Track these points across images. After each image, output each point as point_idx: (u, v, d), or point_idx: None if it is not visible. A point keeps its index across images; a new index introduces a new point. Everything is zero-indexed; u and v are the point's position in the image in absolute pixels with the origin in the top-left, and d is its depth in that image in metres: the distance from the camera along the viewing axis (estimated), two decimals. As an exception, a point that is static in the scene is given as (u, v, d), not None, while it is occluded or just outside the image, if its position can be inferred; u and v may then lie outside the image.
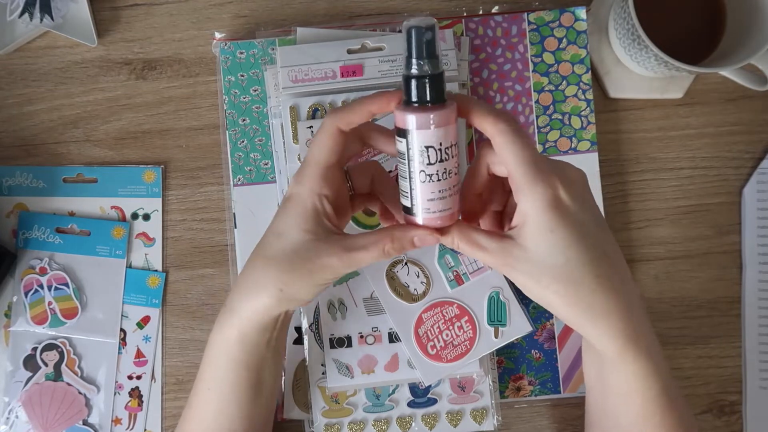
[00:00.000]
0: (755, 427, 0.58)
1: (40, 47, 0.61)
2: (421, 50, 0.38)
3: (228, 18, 0.61)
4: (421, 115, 0.39)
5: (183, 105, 0.61)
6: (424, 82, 0.39)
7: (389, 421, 0.56)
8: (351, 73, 0.56)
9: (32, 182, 0.60)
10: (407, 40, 0.39)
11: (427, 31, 0.38)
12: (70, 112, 0.61)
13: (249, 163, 0.59)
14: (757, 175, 0.60)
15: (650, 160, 0.60)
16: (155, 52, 0.61)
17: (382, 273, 0.55)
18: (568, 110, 0.59)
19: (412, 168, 0.40)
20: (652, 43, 0.52)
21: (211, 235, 0.60)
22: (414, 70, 0.39)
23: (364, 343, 0.55)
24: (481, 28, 0.59)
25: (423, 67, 0.39)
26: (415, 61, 0.39)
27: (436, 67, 0.39)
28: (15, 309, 0.59)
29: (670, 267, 0.60)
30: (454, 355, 0.54)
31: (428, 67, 0.39)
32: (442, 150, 0.39)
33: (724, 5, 0.57)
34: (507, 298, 0.55)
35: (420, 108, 0.39)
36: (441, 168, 0.40)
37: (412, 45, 0.38)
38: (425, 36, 0.38)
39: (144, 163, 0.60)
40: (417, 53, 0.39)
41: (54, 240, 0.59)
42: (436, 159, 0.39)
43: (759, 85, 0.55)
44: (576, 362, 0.58)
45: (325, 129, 0.42)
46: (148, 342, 0.59)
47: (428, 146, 0.39)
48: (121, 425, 0.58)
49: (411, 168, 0.40)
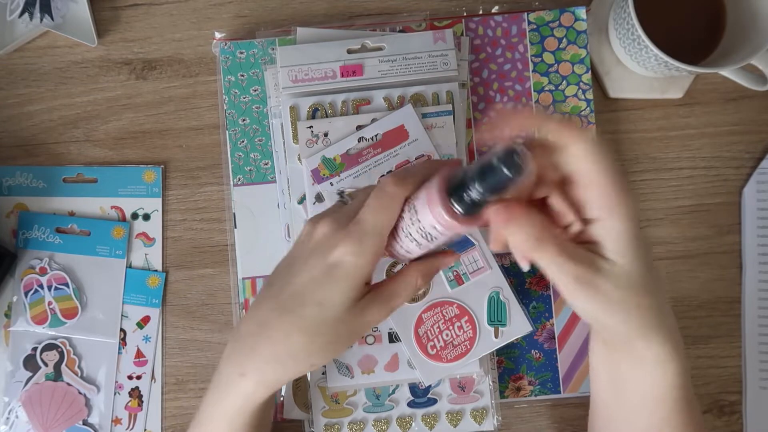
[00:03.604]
0: (755, 427, 0.58)
1: (40, 47, 0.61)
2: (499, 188, 0.35)
3: (228, 18, 0.61)
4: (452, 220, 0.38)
5: (183, 105, 0.61)
6: (478, 205, 0.37)
7: (389, 421, 0.56)
8: (351, 73, 0.56)
9: (32, 182, 0.60)
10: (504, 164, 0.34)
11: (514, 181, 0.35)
12: (70, 112, 0.61)
13: (249, 163, 0.59)
14: (757, 175, 0.60)
15: (650, 160, 0.60)
16: (155, 52, 0.61)
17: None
18: (568, 110, 0.59)
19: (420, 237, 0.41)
20: (652, 43, 0.52)
21: (211, 235, 0.60)
22: (478, 195, 0.36)
23: (364, 343, 0.55)
24: (481, 28, 0.59)
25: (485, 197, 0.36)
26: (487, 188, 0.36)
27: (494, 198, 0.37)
28: (15, 309, 0.59)
29: (670, 267, 0.60)
30: (454, 355, 0.54)
31: (488, 199, 0.36)
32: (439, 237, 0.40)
33: (724, 5, 0.57)
34: (507, 298, 0.55)
35: (453, 214, 0.38)
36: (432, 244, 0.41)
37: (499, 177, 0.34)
38: (511, 182, 0.35)
39: (144, 163, 0.60)
40: (494, 187, 0.35)
41: (54, 240, 0.59)
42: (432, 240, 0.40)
43: (759, 85, 0.55)
44: (576, 362, 0.58)
45: (394, 198, 0.40)
46: (148, 342, 0.59)
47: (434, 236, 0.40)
48: (121, 425, 0.58)
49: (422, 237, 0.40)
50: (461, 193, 0.37)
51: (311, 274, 0.41)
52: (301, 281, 0.41)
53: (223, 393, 0.45)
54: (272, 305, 0.42)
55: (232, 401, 0.44)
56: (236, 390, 0.44)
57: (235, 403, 0.44)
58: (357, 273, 0.40)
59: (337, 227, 0.41)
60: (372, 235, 0.40)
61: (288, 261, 0.44)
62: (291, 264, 0.43)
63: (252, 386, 0.44)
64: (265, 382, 0.43)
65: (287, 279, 0.42)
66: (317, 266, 0.41)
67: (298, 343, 0.41)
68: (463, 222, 0.38)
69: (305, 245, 0.43)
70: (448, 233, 0.39)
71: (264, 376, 0.43)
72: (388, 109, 0.57)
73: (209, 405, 0.46)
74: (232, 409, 0.45)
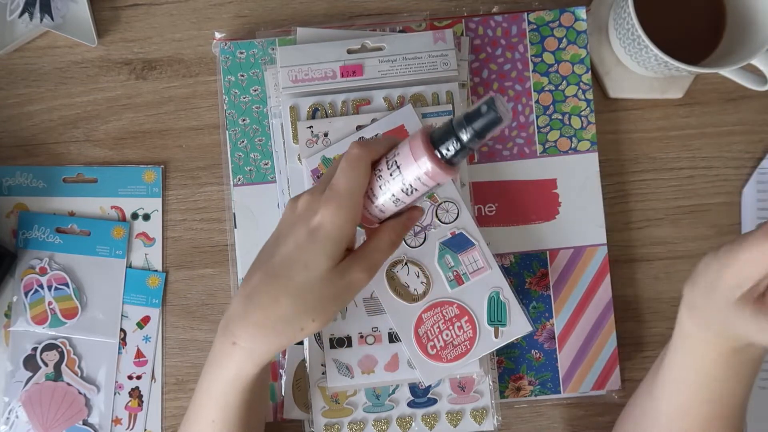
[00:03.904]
0: (755, 427, 0.58)
1: (40, 47, 0.61)
2: (484, 131, 0.39)
3: (228, 18, 0.61)
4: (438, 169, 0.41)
5: (183, 105, 0.61)
6: (464, 150, 0.40)
7: (389, 421, 0.56)
8: (351, 73, 0.56)
9: (32, 182, 0.60)
10: (484, 110, 0.39)
11: (499, 125, 0.39)
12: (70, 112, 0.61)
13: (249, 163, 0.59)
14: (757, 175, 0.60)
15: (650, 160, 0.60)
16: (155, 52, 0.61)
17: (382, 273, 0.55)
18: (568, 110, 0.59)
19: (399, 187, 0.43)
20: (652, 43, 0.52)
21: (211, 235, 0.60)
22: (465, 135, 0.39)
23: (364, 343, 0.55)
24: (481, 28, 0.59)
25: (472, 140, 0.39)
26: (471, 131, 0.39)
27: (476, 145, 0.40)
28: (15, 309, 0.59)
29: (670, 267, 0.60)
30: (454, 355, 0.54)
31: (473, 142, 0.40)
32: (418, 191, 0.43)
33: (724, 5, 0.57)
34: (507, 298, 0.55)
35: (438, 161, 0.41)
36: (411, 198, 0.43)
37: (480, 118, 0.39)
38: (496, 125, 0.39)
39: (144, 163, 0.60)
40: (482, 130, 0.39)
41: (54, 240, 0.59)
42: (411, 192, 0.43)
43: (759, 85, 0.55)
44: (576, 362, 0.58)
45: (360, 159, 0.42)
46: (148, 342, 0.59)
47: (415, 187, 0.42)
48: (121, 425, 0.58)
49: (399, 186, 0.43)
50: (445, 141, 0.40)
51: (296, 241, 0.43)
52: (287, 249, 0.43)
53: (216, 365, 0.46)
54: (261, 274, 0.44)
55: (225, 374, 0.45)
56: (229, 360, 0.45)
57: (228, 375, 0.45)
58: (338, 233, 0.42)
59: (317, 196, 0.43)
60: (347, 195, 0.42)
61: (275, 235, 0.46)
62: (277, 236, 0.45)
63: (244, 355, 0.44)
64: (257, 350, 0.44)
65: (274, 250, 0.44)
66: (301, 233, 0.43)
67: (286, 306, 0.43)
68: (446, 169, 0.40)
69: (289, 219, 0.45)
70: (431, 183, 0.41)
71: (255, 343, 0.44)
72: (388, 109, 0.57)
73: (204, 380, 0.47)
74: (226, 381, 0.46)
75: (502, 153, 0.59)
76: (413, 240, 0.55)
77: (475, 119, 0.39)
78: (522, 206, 0.58)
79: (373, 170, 0.43)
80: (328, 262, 0.42)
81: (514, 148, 0.59)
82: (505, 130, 0.59)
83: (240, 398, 0.46)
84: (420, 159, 0.41)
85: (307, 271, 0.42)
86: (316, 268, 0.42)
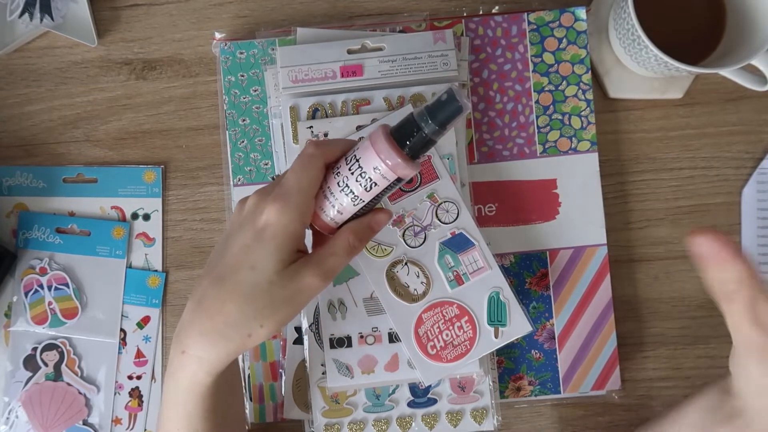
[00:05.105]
0: (755, 427, 0.58)
1: (40, 47, 0.61)
2: (446, 121, 0.40)
3: (228, 18, 0.61)
4: (400, 160, 0.41)
5: (183, 105, 0.61)
6: (425, 142, 0.41)
7: (389, 421, 0.56)
8: (351, 73, 0.56)
9: (32, 182, 0.60)
10: (445, 99, 0.39)
11: (460, 114, 0.40)
12: (70, 112, 0.61)
13: (249, 163, 0.59)
14: (757, 175, 0.60)
15: (650, 160, 0.60)
16: (155, 52, 0.61)
17: (382, 273, 0.55)
18: (568, 110, 0.59)
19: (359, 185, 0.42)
20: (652, 43, 0.52)
21: (211, 235, 0.60)
22: (427, 127, 0.40)
23: (364, 343, 0.55)
24: (481, 29, 0.59)
25: (434, 131, 0.40)
26: (434, 121, 0.40)
27: (438, 136, 0.41)
28: (15, 309, 0.59)
29: (670, 267, 0.60)
30: (454, 355, 0.54)
31: (435, 133, 0.40)
32: (378, 185, 0.42)
33: (724, 5, 0.57)
34: (507, 298, 0.55)
35: (400, 152, 0.41)
36: (371, 196, 0.43)
37: (443, 109, 0.39)
38: (457, 114, 0.39)
39: (144, 163, 0.60)
40: (444, 120, 0.40)
41: (54, 240, 0.59)
42: (371, 188, 0.42)
43: (759, 85, 0.55)
44: (576, 362, 0.58)
45: (313, 157, 0.42)
46: (148, 342, 0.59)
47: (375, 181, 0.42)
48: (121, 425, 0.58)
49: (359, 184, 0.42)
50: (406, 133, 0.40)
51: (243, 242, 0.42)
52: (233, 251, 0.42)
53: (170, 376, 0.44)
54: (208, 280, 0.42)
55: (181, 384, 0.44)
56: (182, 370, 0.43)
57: (183, 384, 0.43)
58: (285, 232, 0.41)
59: (264, 196, 0.42)
60: (295, 193, 0.41)
61: (222, 238, 0.44)
62: (225, 239, 0.44)
63: (194, 363, 0.42)
64: (206, 357, 0.42)
65: (222, 253, 0.43)
66: (248, 234, 0.42)
67: (233, 311, 0.41)
68: (407, 161, 0.40)
69: (236, 220, 0.44)
70: (391, 176, 0.41)
71: (203, 351, 0.42)
72: (388, 109, 0.57)
73: (164, 392, 0.46)
74: (182, 391, 0.44)
75: (502, 153, 0.59)
76: (413, 240, 0.55)
77: (438, 110, 0.39)
78: (522, 206, 0.59)
79: (332, 168, 0.43)
80: (276, 264, 0.41)
81: (514, 148, 0.59)
82: (505, 131, 0.59)
83: (201, 405, 0.44)
84: (381, 151, 0.40)
85: (254, 273, 0.41)
86: (264, 269, 0.41)
